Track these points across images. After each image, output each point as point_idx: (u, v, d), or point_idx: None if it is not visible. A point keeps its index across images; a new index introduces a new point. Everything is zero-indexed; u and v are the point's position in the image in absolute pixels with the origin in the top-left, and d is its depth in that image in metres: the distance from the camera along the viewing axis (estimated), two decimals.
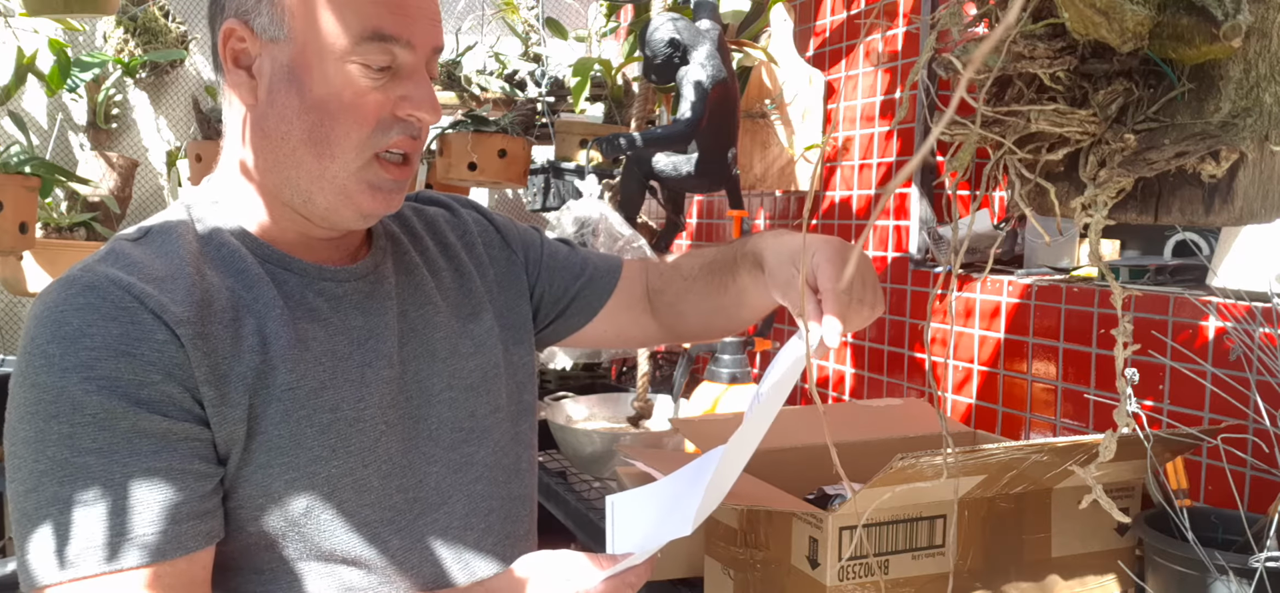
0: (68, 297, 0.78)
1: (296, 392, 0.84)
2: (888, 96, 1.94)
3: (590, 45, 2.57)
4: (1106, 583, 1.15)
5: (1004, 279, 1.61)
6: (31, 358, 0.77)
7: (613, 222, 1.85)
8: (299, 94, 0.84)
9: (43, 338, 0.77)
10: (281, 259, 0.89)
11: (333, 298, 0.90)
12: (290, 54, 0.84)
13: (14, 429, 0.78)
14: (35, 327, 0.78)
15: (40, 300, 0.80)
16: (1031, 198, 0.78)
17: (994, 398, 1.64)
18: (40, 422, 0.76)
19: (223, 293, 0.83)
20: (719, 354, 1.93)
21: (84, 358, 0.76)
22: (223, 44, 0.85)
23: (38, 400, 0.76)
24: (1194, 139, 0.67)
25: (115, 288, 0.78)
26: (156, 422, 0.77)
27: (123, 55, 2.31)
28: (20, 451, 0.77)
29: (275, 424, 0.83)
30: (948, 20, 0.78)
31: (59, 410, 0.75)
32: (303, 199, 0.87)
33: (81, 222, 2.00)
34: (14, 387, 0.78)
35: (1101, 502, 0.75)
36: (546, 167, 2.37)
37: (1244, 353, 1.21)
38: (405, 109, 0.86)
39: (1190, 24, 0.66)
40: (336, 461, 0.85)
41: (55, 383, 0.76)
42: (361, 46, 0.83)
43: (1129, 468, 1.12)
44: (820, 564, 0.99)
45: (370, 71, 0.84)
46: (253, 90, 0.85)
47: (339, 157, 0.85)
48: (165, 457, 0.78)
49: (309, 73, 0.83)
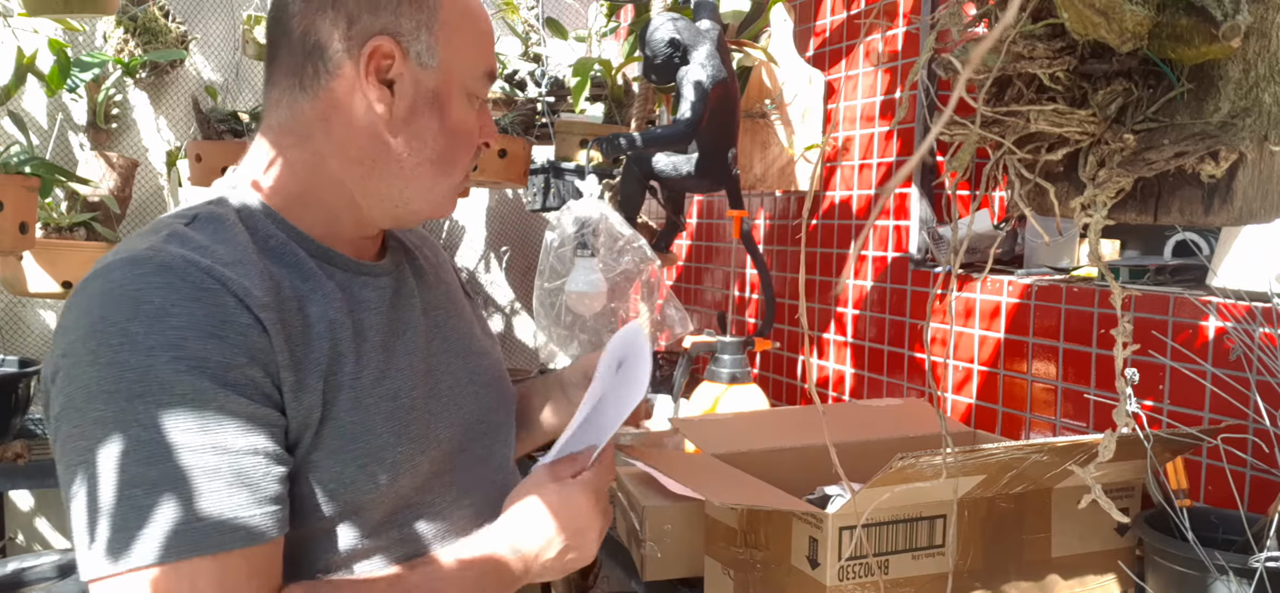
0: (142, 275, 0.78)
1: (361, 380, 0.87)
2: (888, 96, 1.94)
3: (590, 45, 2.57)
4: (1106, 583, 1.15)
5: (1004, 279, 1.61)
6: (106, 336, 0.75)
7: (613, 222, 1.85)
8: (439, 118, 0.92)
9: (119, 316, 0.76)
10: (326, 253, 0.92)
11: (376, 292, 0.95)
12: (437, 82, 0.92)
13: (82, 410, 0.75)
14: (105, 305, 0.76)
15: (101, 279, 0.78)
16: (1031, 198, 0.78)
17: (994, 398, 1.64)
18: (123, 401, 0.74)
19: (285, 282, 0.86)
20: (719, 354, 1.93)
21: (171, 337, 0.76)
22: (367, 57, 0.88)
23: (119, 380, 0.74)
24: (1193, 139, 0.67)
25: (194, 269, 0.79)
26: (243, 404, 0.78)
27: (123, 55, 2.31)
28: (93, 431, 0.75)
29: (346, 411, 0.85)
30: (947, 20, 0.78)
31: (145, 390, 0.74)
32: (392, 205, 0.94)
33: (81, 222, 2.00)
34: (78, 367, 0.76)
35: (1101, 502, 0.75)
36: (546, 167, 2.37)
37: (1244, 353, 1.21)
38: (483, 136, 0.98)
39: (1189, 24, 0.66)
40: (400, 447, 0.89)
41: (140, 362, 0.75)
42: (479, 82, 0.95)
43: (1129, 468, 1.12)
44: (820, 564, 0.99)
45: (476, 103, 0.96)
46: (388, 105, 0.90)
47: (453, 175, 0.95)
48: (251, 439, 0.78)
49: (450, 102, 0.93)
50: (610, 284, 1.83)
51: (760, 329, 1.96)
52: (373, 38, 0.88)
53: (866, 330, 1.98)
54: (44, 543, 2.47)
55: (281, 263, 0.87)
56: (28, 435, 2.07)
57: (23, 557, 1.90)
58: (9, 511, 2.40)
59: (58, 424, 0.78)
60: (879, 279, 1.95)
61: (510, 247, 2.96)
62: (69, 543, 2.48)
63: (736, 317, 2.46)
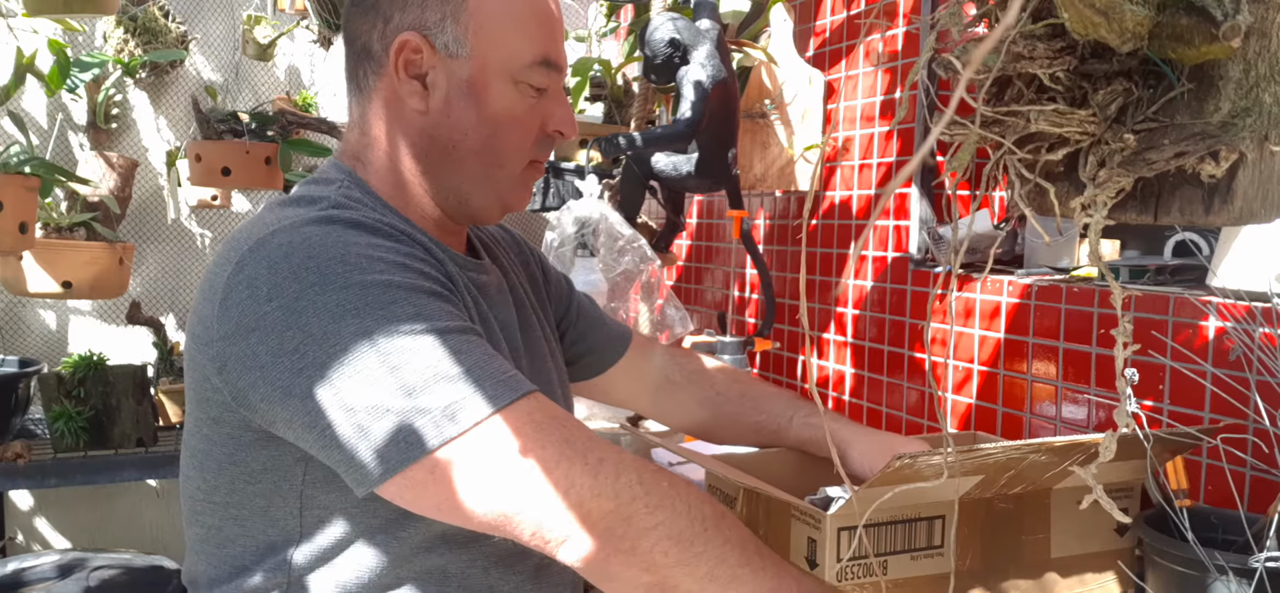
0: (333, 229, 0.82)
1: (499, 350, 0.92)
2: (888, 96, 1.94)
3: (590, 45, 2.57)
4: (1106, 583, 1.15)
5: (1004, 279, 1.61)
6: (326, 270, 0.77)
7: (613, 222, 1.85)
8: (476, 108, 0.92)
9: (332, 256, 0.78)
10: (439, 245, 0.95)
11: (480, 287, 0.98)
12: (470, 71, 0.91)
13: (329, 334, 0.76)
14: (308, 251, 0.79)
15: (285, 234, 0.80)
16: (1031, 198, 0.78)
17: (994, 398, 1.64)
18: (378, 310, 0.77)
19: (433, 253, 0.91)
20: (719, 354, 1.93)
21: (392, 262, 0.80)
22: (396, 53, 0.91)
23: (363, 298, 0.77)
24: (1193, 139, 0.67)
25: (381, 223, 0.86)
26: (464, 319, 0.83)
27: (123, 55, 2.30)
28: (356, 344, 0.75)
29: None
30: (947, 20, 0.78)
31: (395, 297, 0.78)
32: (457, 199, 0.95)
33: (81, 222, 2.00)
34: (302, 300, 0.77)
35: (1102, 502, 0.75)
36: (546, 166, 2.37)
37: (1244, 353, 1.21)
38: (552, 126, 0.97)
39: (1190, 24, 0.66)
40: None
41: (378, 279, 0.78)
42: (531, 70, 0.93)
43: (1129, 468, 1.12)
44: (819, 564, 0.99)
45: (533, 91, 0.94)
46: (424, 99, 0.92)
47: (506, 165, 0.95)
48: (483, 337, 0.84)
49: (487, 90, 0.92)
50: (610, 284, 1.83)
51: (760, 329, 1.96)
52: (401, 34, 0.90)
53: (866, 330, 1.98)
54: (44, 543, 2.47)
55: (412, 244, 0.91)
56: (28, 435, 2.07)
57: (23, 557, 1.90)
58: (9, 511, 2.40)
59: (292, 358, 0.77)
60: (879, 279, 1.95)
61: None
62: (69, 543, 2.48)
63: (736, 317, 2.46)
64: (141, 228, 2.52)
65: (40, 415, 2.09)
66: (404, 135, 0.93)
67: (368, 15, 0.93)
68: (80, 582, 1.79)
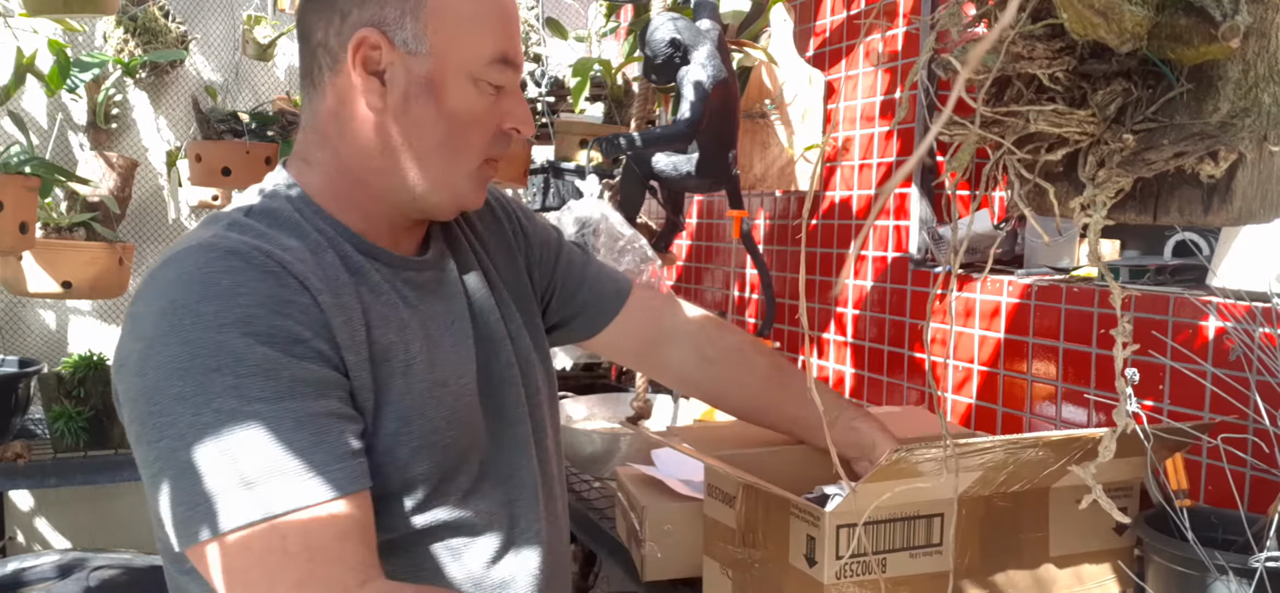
0: (210, 260, 0.81)
1: (413, 366, 0.89)
2: (888, 96, 1.94)
3: (590, 45, 2.57)
4: (1105, 583, 1.15)
5: (1004, 279, 1.61)
6: (178, 318, 0.78)
7: (613, 222, 1.85)
8: (435, 105, 0.91)
9: (190, 298, 0.79)
10: (370, 249, 0.94)
11: (417, 286, 0.96)
12: (429, 68, 0.90)
13: (159, 389, 0.78)
14: (176, 290, 0.80)
15: (172, 267, 0.82)
16: (1031, 198, 0.78)
17: (994, 398, 1.64)
18: (200, 376, 0.77)
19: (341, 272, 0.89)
20: None
21: (241, 313, 0.79)
22: (353, 50, 0.89)
23: (194, 357, 0.77)
24: (1193, 139, 0.67)
25: (257, 252, 0.83)
26: (315, 370, 0.81)
27: (123, 55, 2.31)
28: (174, 408, 0.77)
29: (400, 395, 0.88)
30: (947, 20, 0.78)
31: (221, 364, 0.77)
32: (414, 196, 0.94)
33: (81, 222, 1.99)
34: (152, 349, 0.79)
35: (1101, 502, 0.75)
36: (546, 167, 2.37)
37: (1244, 353, 1.21)
38: (510, 123, 0.96)
39: (1188, 24, 0.66)
40: (450, 432, 0.91)
41: (212, 338, 0.78)
42: (490, 68, 0.92)
43: (1128, 467, 1.12)
44: (818, 563, 0.99)
45: (490, 89, 0.93)
46: (382, 96, 0.91)
47: (464, 162, 0.94)
48: (326, 402, 0.81)
49: (446, 87, 0.91)
50: None
51: (760, 329, 1.96)
52: (358, 30, 0.89)
53: (866, 330, 1.98)
54: (44, 543, 2.47)
55: (331, 252, 0.90)
56: (28, 435, 2.07)
57: (23, 557, 1.90)
58: (9, 511, 2.40)
59: (134, 406, 0.80)
60: (879, 279, 1.95)
61: None
62: (69, 543, 2.48)
63: (736, 317, 2.46)
64: (141, 228, 2.52)
65: (40, 415, 2.09)
66: (359, 133, 0.92)
67: (324, 11, 0.92)
68: (80, 582, 1.79)
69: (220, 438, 0.76)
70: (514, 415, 1.02)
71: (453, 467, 0.92)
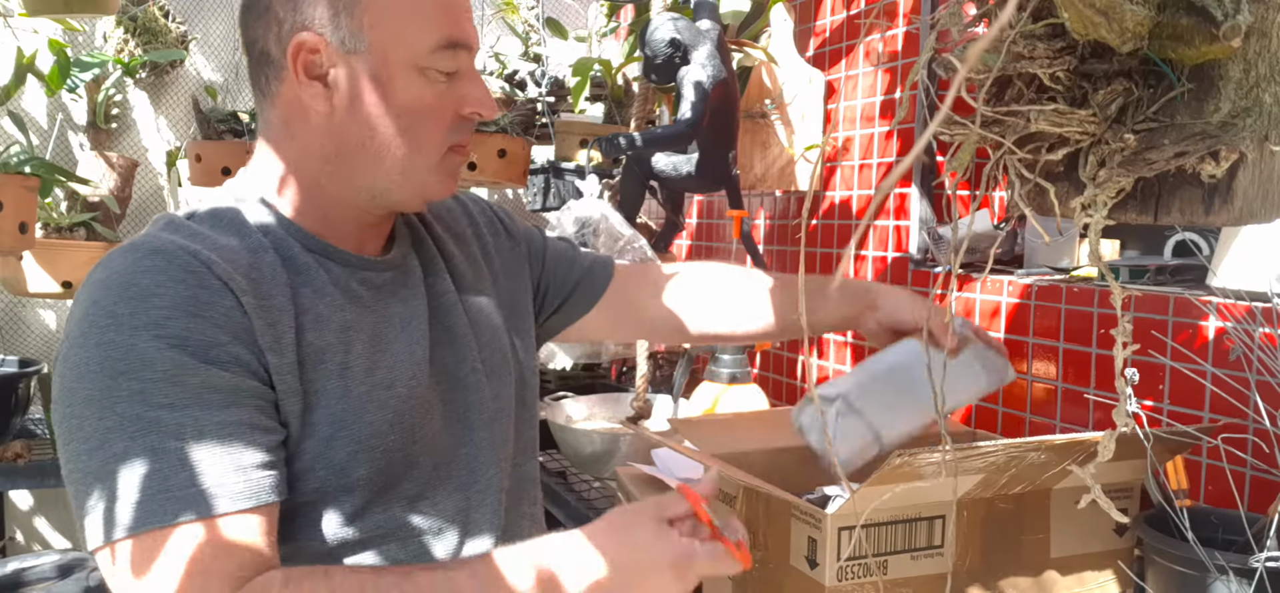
0: (134, 260, 0.81)
1: (352, 369, 0.88)
2: (888, 96, 1.94)
3: (590, 45, 2.57)
4: (1106, 583, 1.15)
5: (1004, 279, 1.61)
6: (95, 319, 0.78)
7: (613, 222, 1.85)
8: (383, 102, 0.89)
9: (109, 299, 0.79)
10: (325, 249, 0.93)
11: (373, 286, 0.95)
12: (371, 64, 0.88)
13: (72, 390, 0.78)
14: (99, 290, 0.80)
15: (102, 267, 0.82)
16: (1031, 198, 0.78)
17: (994, 398, 1.64)
18: (106, 379, 0.77)
19: (278, 273, 0.87)
20: (719, 354, 1.93)
21: (154, 316, 0.78)
22: (293, 56, 0.88)
23: (104, 359, 0.77)
24: (1194, 139, 0.67)
25: (183, 252, 0.82)
26: (226, 378, 0.80)
27: (123, 55, 2.30)
28: (82, 410, 0.77)
29: (336, 398, 0.86)
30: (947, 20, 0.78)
31: (128, 367, 0.77)
32: (372, 195, 0.93)
33: (81, 222, 1.99)
34: (71, 350, 0.79)
35: (1101, 502, 0.75)
36: (546, 167, 2.37)
37: (1244, 353, 1.21)
38: (469, 108, 0.93)
39: (1190, 24, 0.66)
40: (393, 435, 0.89)
41: (124, 341, 0.77)
42: (436, 55, 0.89)
43: (1129, 468, 1.12)
44: (819, 564, 0.99)
45: (441, 76, 0.90)
46: (327, 99, 0.89)
47: (423, 154, 0.91)
48: (235, 411, 0.80)
49: (392, 82, 0.89)
50: None
51: None
52: (296, 35, 0.88)
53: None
54: (44, 543, 2.47)
55: (276, 253, 0.89)
56: (28, 435, 2.07)
57: (23, 557, 1.90)
58: (9, 511, 2.40)
59: (56, 406, 0.80)
60: (879, 279, 1.95)
61: None
62: (69, 543, 2.48)
63: None
64: (141, 228, 2.52)
65: (40, 416, 2.09)
66: (312, 139, 0.91)
67: (262, 18, 0.90)
68: (80, 582, 1.79)
69: (120, 444, 0.76)
70: (478, 419, 0.99)
71: (398, 471, 0.90)
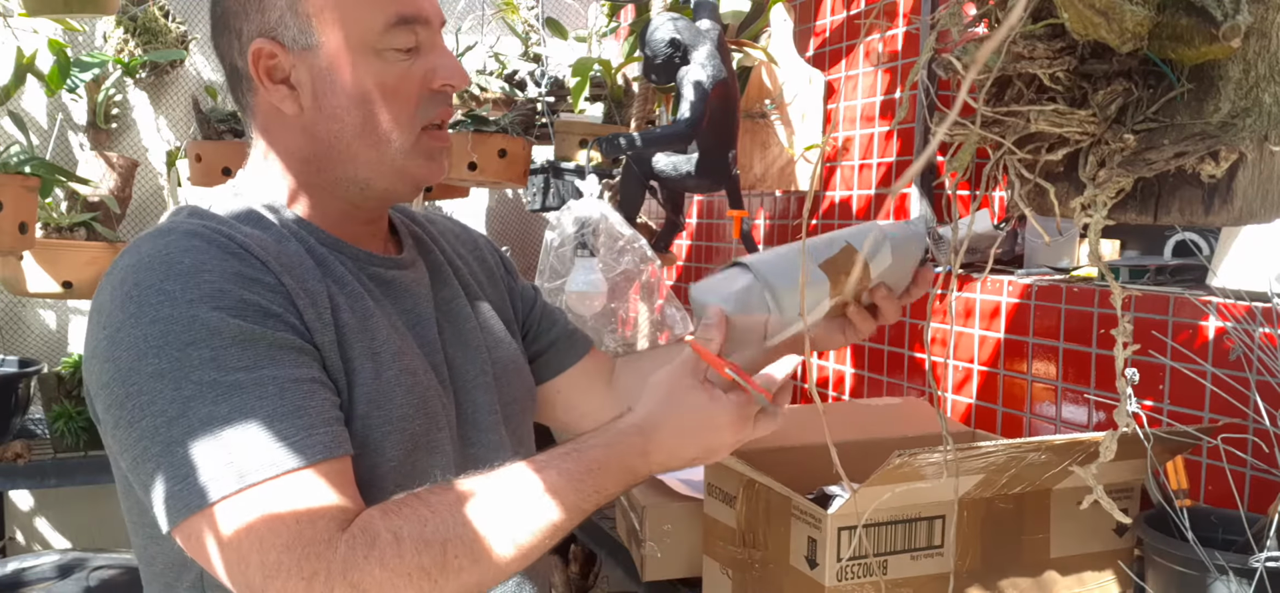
0: (169, 243, 0.81)
1: (381, 354, 0.89)
2: (888, 96, 1.94)
3: (590, 45, 2.57)
4: (1106, 583, 1.15)
5: (1004, 279, 1.61)
6: (144, 299, 0.78)
7: (613, 222, 1.85)
8: (344, 91, 0.89)
9: (153, 280, 0.79)
10: (334, 243, 0.93)
11: (382, 283, 0.95)
12: (326, 57, 0.89)
13: (133, 369, 0.77)
14: (137, 273, 0.79)
15: (131, 253, 0.82)
16: (1031, 198, 0.78)
17: (994, 398, 1.64)
18: (175, 351, 0.77)
19: (304, 258, 0.88)
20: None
21: (207, 290, 0.79)
22: (253, 64, 0.89)
23: (167, 334, 0.77)
24: (1193, 139, 0.67)
25: (219, 234, 0.83)
26: (291, 339, 0.81)
27: (123, 55, 2.30)
28: (153, 385, 0.77)
29: (370, 379, 0.87)
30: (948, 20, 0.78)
31: (196, 337, 0.77)
32: (359, 188, 0.93)
33: (81, 222, 1.99)
34: (121, 332, 0.78)
35: (1102, 502, 0.75)
36: (546, 167, 2.36)
37: (1244, 353, 1.21)
38: (437, 81, 0.92)
39: (1189, 24, 0.66)
40: (419, 419, 0.90)
41: (184, 314, 0.77)
42: (389, 33, 0.89)
43: (1129, 468, 1.12)
44: (819, 564, 0.99)
45: (400, 55, 0.90)
46: (295, 100, 0.90)
47: (394, 139, 0.91)
48: (306, 369, 0.81)
49: (347, 70, 0.89)
50: (610, 284, 1.83)
51: None
52: (252, 44, 0.89)
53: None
54: (44, 543, 2.47)
55: (294, 241, 0.90)
56: (28, 435, 2.07)
57: (23, 557, 1.90)
58: (9, 511, 2.40)
59: (108, 392, 0.79)
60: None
61: (510, 247, 2.97)
62: (69, 543, 2.48)
63: None
64: (141, 228, 2.51)
65: (40, 415, 2.09)
66: (291, 142, 0.92)
67: (225, 35, 0.92)
68: (80, 582, 1.79)
69: (203, 410, 0.76)
70: (486, 422, 1.00)
71: (423, 458, 0.91)
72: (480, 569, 0.80)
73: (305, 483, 0.77)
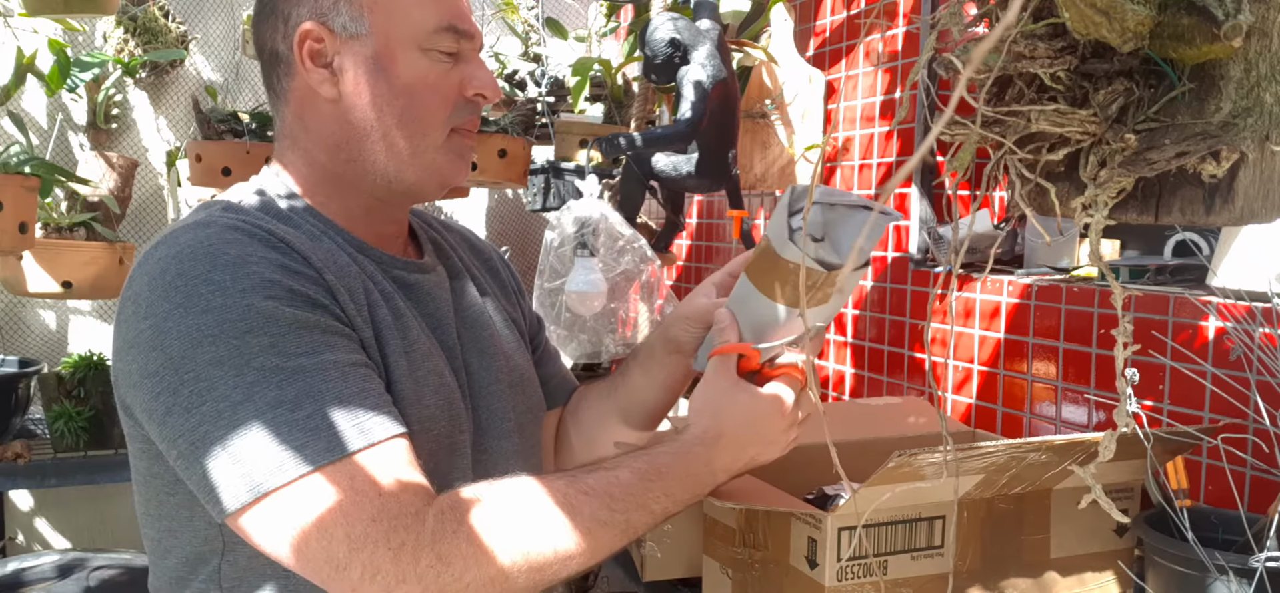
0: (211, 235, 0.82)
1: (413, 353, 0.90)
2: (888, 96, 1.94)
3: (590, 45, 2.57)
4: (1106, 583, 1.15)
5: (1004, 279, 1.61)
6: (192, 290, 0.78)
7: (613, 222, 1.85)
8: (387, 81, 0.91)
9: (199, 271, 0.79)
10: (359, 245, 0.94)
11: (404, 285, 0.96)
12: (374, 47, 0.91)
13: (187, 357, 0.77)
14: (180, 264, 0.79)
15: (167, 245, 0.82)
16: (1031, 198, 0.78)
17: (994, 398, 1.64)
18: (233, 339, 0.77)
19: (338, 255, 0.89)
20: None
21: (256, 280, 0.79)
22: (298, 46, 0.90)
23: (222, 322, 0.77)
24: (1194, 139, 0.67)
25: (259, 229, 0.84)
26: (341, 326, 0.82)
27: (123, 55, 2.30)
28: (212, 373, 0.76)
29: (404, 376, 0.88)
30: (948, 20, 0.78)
31: (253, 325, 0.77)
32: (388, 180, 0.94)
33: (81, 222, 1.99)
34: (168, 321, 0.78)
35: (1101, 502, 0.75)
36: (546, 167, 2.36)
37: (1244, 353, 1.21)
38: (472, 90, 0.95)
39: (1191, 24, 0.66)
40: (445, 421, 0.91)
41: (237, 302, 0.78)
42: (437, 36, 0.92)
43: (1129, 468, 1.12)
44: (819, 564, 0.99)
45: (443, 57, 0.93)
46: (334, 84, 0.91)
47: (429, 134, 0.93)
48: (360, 354, 0.83)
49: (395, 62, 0.91)
50: (610, 284, 1.83)
51: None
52: (300, 26, 0.90)
53: (866, 330, 1.98)
54: (44, 543, 2.47)
55: (327, 239, 0.91)
56: (28, 435, 2.06)
57: (23, 557, 1.90)
58: (9, 511, 2.40)
59: (157, 380, 0.78)
60: (879, 279, 1.95)
61: (510, 247, 2.96)
62: (69, 543, 2.48)
63: None
64: (141, 228, 2.52)
65: (40, 415, 2.09)
66: (323, 128, 0.93)
67: (269, 20, 0.94)
68: (80, 582, 1.79)
69: (269, 394, 0.76)
70: (502, 428, 1.01)
71: (446, 459, 0.92)
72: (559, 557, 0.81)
73: (387, 456, 0.78)
